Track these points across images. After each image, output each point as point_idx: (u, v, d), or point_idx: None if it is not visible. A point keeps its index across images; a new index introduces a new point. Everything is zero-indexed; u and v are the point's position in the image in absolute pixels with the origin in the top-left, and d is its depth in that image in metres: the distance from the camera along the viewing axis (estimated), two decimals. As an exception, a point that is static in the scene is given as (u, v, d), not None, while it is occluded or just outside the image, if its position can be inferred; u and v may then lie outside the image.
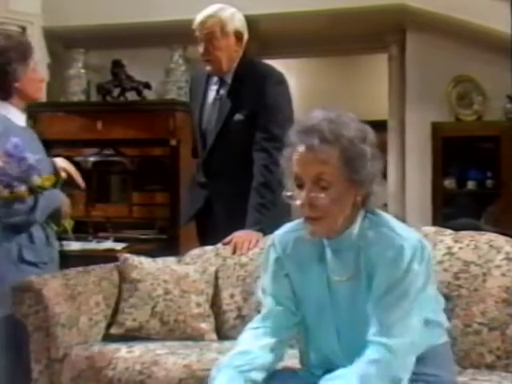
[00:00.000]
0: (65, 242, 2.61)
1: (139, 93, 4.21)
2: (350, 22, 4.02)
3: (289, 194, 1.45)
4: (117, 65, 4.22)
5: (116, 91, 4.25)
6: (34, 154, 2.21)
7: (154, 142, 4.19)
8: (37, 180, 2.18)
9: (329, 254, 1.50)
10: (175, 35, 4.15)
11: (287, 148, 1.46)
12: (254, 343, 1.53)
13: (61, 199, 2.33)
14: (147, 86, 4.20)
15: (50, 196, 2.27)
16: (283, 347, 1.56)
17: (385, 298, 1.41)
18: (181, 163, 4.04)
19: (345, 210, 1.44)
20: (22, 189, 2.14)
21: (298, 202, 1.43)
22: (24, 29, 4.15)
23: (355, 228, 1.46)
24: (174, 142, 4.03)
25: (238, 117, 2.50)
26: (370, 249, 1.46)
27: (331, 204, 1.41)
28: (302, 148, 1.41)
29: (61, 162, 2.38)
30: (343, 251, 1.48)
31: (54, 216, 2.33)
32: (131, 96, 4.24)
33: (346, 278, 1.48)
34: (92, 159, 4.14)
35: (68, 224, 2.39)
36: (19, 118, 2.32)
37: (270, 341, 1.53)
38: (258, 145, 2.45)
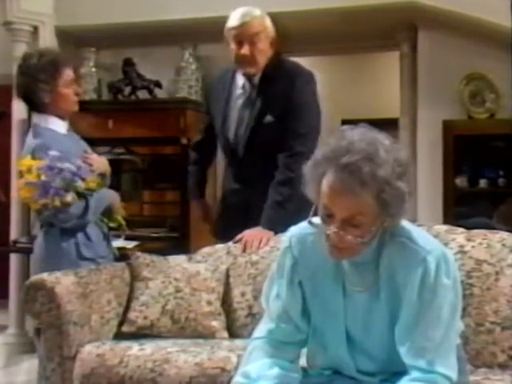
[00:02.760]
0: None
1: (150, 91, 4.22)
2: (361, 20, 4.01)
3: (315, 223, 1.42)
4: (128, 63, 4.23)
5: (127, 90, 4.25)
6: (76, 159, 2.35)
7: (164, 140, 4.20)
8: (81, 185, 2.28)
9: (346, 264, 1.49)
10: (186, 34, 4.16)
11: (314, 165, 1.41)
12: (272, 358, 1.52)
13: (110, 196, 2.47)
14: (158, 84, 4.21)
15: (99, 196, 2.38)
16: (293, 363, 1.55)
17: (419, 323, 1.40)
18: (191, 161, 4.04)
19: (370, 240, 1.42)
20: (69, 198, 2.25)
21: (326, 232, 1.40)
22: (36, 28, 4.17)
23: (374, 242, 1.44)
24: (184, 141, 4.03)
25: (268, 118, 2.44)
26: (391, 261, 1.44)
27: (359, 242, 1.39)
28: (337, 185, 1.36)
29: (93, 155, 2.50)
30: (362, 263, 1.46)
31: (107, 213, 2.45)
32: (142, 94, 4.25)
33: (363, 289, 1.46)
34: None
35: (121, 218, 2.49)
36: (59, 125, 2.44)
37: (279, 356, 1.52)
38: (283, 143, 2.41)
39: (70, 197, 2.24)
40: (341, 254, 1.42)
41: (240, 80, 2.51)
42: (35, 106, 2.43)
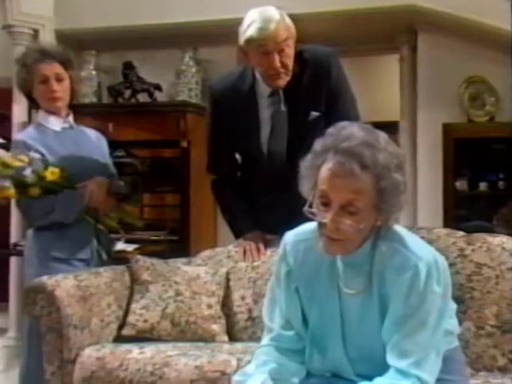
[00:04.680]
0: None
1: (150, 94, 4.22)
2: (361, 23, 4.01)
3: (312, 210, 1.40)
4: (128, 66, 4.24)
5: (127, 93, 4.26)
6: (70, 155, 2.37)
7: (164, 143, 4.20)
8: (31, 177, 2.26)
9: (340, 266, 1.48)
10: (186, 37, 4.17)
11: (314, 157, 1.41)
12: (272, 358, 1.53)
13: (83, 197, 2.34)
14: (158, 87, 4.21)
15: (70, 194, 2.33)
16: (297, 365, 1.56)
17: (405, 325, 1.40)
18: (191, 164, 4.05)
19: (364, 233, 1.42)
20: (6, 184, 2.25)
21: (322, 221, 1.39)
22: (36, 31, 4.18)
23: (368, 244, 1.45)
24: (184, 144, 4.04)
25: (314, 114, 2.22)
26: (383, 266, 1.44)
27: (355, 229, 1.38)
28: (337, 167, 1.35)
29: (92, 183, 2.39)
30: (355, 265, 1.46)
31: (92, 214, 2.38)
32: (142, 98, 4.25)
33: (357, 292, 1.46)
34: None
35: (112, 221, 2.41)
36: (51, 121, 2.44)
37: (284, 359, 1.53)
38: None
39: (6, 185, 2.24)
40: (336, 247, 1.41)
41: (266, 89, 2.24)
42: (30, 99, 2.48)
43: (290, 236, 1.57)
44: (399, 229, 1.48)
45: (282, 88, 2.22)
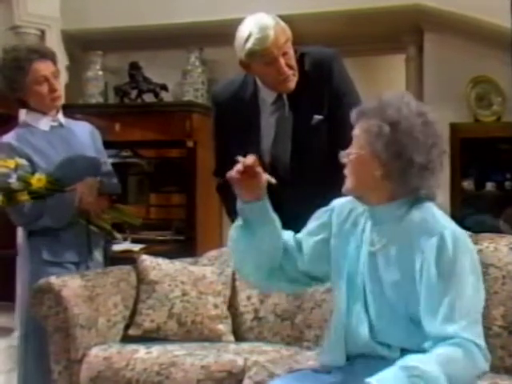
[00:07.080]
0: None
1: (156, 94, 4.23)
2: (367, 23, 4.01)
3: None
4: (134, 67, 4.24)
5: (133, 93, 4.27)
6: (59, 156, 2.31)
7: (170, 143, 4.21)
8: (14, 183, 2.20)
9: (368, 225, 1.58)
10: (192, 37, 4.17)
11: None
12: None
13: (73, 201, 2.29)
14: (164, 87, 4.22)
15: (61, 199, 2.28)
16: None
17: (443, 295, 1.43)
18: (198, 164, 4.05)
19: (363, 179, 1.53)
20: None
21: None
22: (43, 32, 4.19)
23: (402, 209, 1.53)
24: (190, 144, 4.04)
25: (317, 118, 2.20)
26: (409, 231, 1.51)
27: (350, 164, 1.54)
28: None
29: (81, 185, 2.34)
30: (383, 222, 1.55)
31: (84, 217, 2.33)
32: (148, 98, 4.26)
33: (380, 247, 1.54)
34: (110, 161, 4.15)
35: (105, 224, 2.38)
36: (40, 121, 2.37)
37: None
38: (339, 137, 2.03)
39: None
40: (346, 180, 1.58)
41: (269, 96, 2.24)
42: (16, 102, 2.37)
43: (339, 199, 1.68)
44: (432, 205, 1.56)
45: (290, 91, 2.21)
